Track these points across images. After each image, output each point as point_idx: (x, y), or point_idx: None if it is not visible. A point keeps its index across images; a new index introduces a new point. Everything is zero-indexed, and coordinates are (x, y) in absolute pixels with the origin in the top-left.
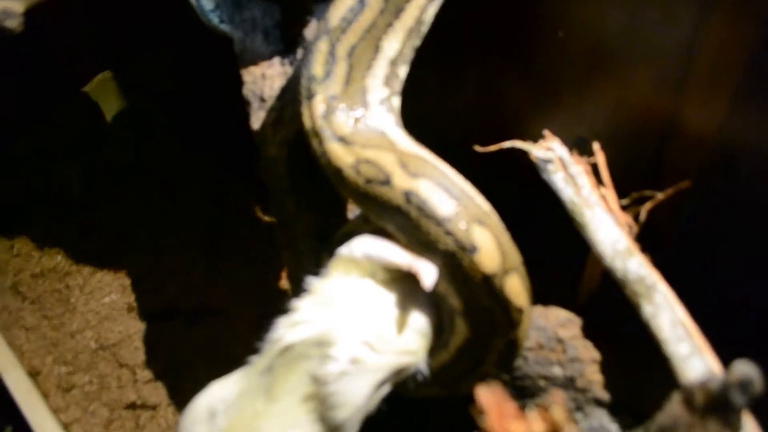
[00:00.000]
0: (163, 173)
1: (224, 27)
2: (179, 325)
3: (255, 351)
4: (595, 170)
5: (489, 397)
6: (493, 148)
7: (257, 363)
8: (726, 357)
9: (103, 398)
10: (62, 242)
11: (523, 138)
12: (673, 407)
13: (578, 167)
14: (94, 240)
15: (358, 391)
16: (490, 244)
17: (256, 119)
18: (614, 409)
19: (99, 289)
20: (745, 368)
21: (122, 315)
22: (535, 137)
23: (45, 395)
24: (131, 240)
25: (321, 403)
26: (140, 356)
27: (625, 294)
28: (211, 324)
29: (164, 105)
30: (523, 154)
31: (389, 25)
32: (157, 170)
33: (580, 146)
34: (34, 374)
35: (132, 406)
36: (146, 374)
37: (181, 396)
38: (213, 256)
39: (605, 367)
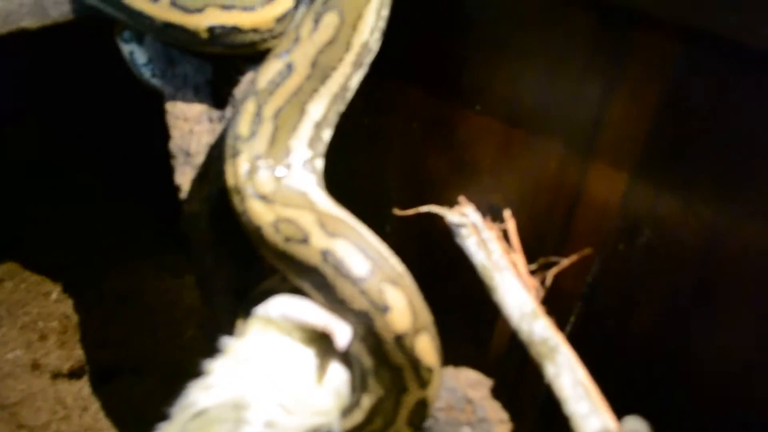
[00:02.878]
0: (84, 220)
1: (155, 81)
2: (87, 384)
3: (165, 415)
4: (506, 236)
5: None
6: (411, 212)
7: (167, 430)
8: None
9: None
10: None
11: (442, 204)
12: None
13: (490, 233)
14: (2, 291)
15: None
16: (402, 304)
17: (181, 173)
18: None
19: (2, 345)
20: (635, 424)
21: (26, 372)
22: (453, 204)
23: None
24: (42, 292)
25: None
26: (42, 417)
27: (530, 355)
28: (122, 383)
29: (88, 151)
30: (440, 219)
31: (315, 90)
32: (78, 217)
33: (493, 213)
34: None
35: None
36: None
37: None
38: (129, 310)
39: (513, 427)
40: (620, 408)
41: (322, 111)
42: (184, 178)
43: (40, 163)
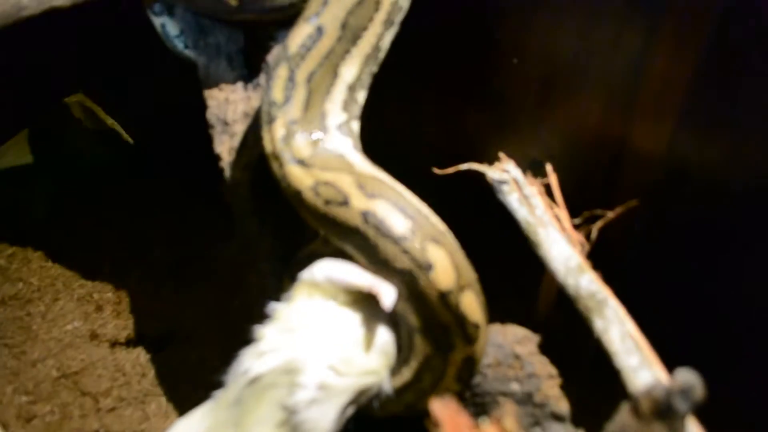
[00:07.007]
0: (127, 198)
1: (189, 52)
2: (144, 352)
3: (220, 382)
4: (549, 191)
5: (443, 409)
6: (451, 170)
7: (224, 396)
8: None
9: (65, 428)
10: (24, 269)
11: (482, 161)
12: (622, 416)
13: (532, 188)
14: (57, 266)
15: (327, 416)
16: (445, 262)
17: (220, 143)
18: (571, 423)
19: (61, 317)
20: (686, 376)
21: (85, 342)
22: (493, 160)
23: (5, 426)
24: (95, 266)
25: (292, 431)
26: (103, 384)
27: (578, 309)
28: (176, 351)
29: (129, 129)
30: (481, 177)
31: (347, 51)
32: (121, 195)
33: (534, 168)
34: None
35: None
36: (109, 402)
37: (146, 424)
38: (179, 281)
39: (562, 382)
40: (671, 362)
41: (355, 73)
42: (223, 147)
43: (86, 143)
